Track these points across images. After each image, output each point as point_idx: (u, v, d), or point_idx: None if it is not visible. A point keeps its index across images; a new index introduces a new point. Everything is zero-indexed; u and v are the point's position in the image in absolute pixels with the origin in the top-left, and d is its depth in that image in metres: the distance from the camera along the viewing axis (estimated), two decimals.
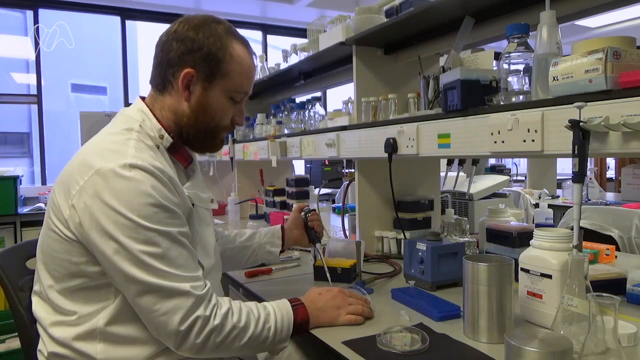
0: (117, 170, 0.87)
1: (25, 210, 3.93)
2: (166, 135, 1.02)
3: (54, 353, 0.95)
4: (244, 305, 0.98)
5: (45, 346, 0.97)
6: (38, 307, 0.99)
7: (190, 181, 1.08)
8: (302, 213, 1.47)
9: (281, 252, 1.43)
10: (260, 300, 1.38)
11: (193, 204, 1.04)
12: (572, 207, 1.13)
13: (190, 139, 1.06)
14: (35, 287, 1.01)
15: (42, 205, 4.05)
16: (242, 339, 0.94)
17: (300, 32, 5.40)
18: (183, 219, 0.95)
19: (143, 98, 1.08)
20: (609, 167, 5.84)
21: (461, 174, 2.25)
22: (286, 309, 1.03)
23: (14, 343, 2.16)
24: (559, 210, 3.27)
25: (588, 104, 0.88)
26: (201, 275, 0.95)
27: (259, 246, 1.41)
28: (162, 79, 1.03)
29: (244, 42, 1.06)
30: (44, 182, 4.68)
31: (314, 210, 1.49)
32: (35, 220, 3.85)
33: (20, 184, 3.98)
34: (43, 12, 4.65)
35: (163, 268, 0.87)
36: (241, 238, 1.40)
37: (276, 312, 1.00)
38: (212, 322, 0.91)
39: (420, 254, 1.35)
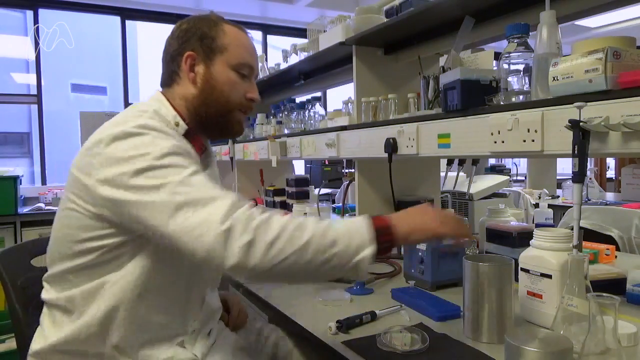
0: (128, 130, 0.89)
1: (25, 210, 3.92)
2: (181, 122, 1.03)
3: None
4: None
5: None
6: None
7: (207, 171, 1.06)
8: None
9: None
10: (261, 300, 1.38)
11: None
12: (572, 207, 1.13)
13: (205, 122, 1.06)
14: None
15: (42, 205, 4.04)
16: (301, 237, 0.81)
17: (300, 32, 5.39)
18: (199, 166, 0.94)
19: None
20: (609, 167, 5.84)
21: (461, 174, 2.25)
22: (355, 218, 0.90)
23: (14, 343, 2.16)
24: (559, 210, 3.27)
25: (588, 104, 0.88)
26: None
27: None
28: (168, 74, 1.07)
29: (236, 24, 1.09)
30: (44, 182, 4.67)
31: None
32: (35, 220, 3.83)
33: (20, 184, 3.97)
34: (43, 12, 4.64)
35: (186, 189, 0.84)
36: None
37: (340, 220, 0.89)
38: (258, 217, 0.82)
39: (420, 254, 1.35)
